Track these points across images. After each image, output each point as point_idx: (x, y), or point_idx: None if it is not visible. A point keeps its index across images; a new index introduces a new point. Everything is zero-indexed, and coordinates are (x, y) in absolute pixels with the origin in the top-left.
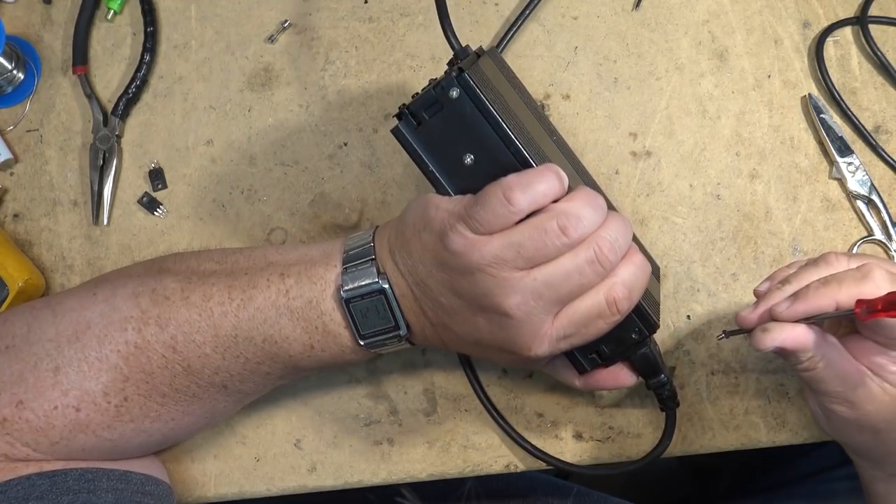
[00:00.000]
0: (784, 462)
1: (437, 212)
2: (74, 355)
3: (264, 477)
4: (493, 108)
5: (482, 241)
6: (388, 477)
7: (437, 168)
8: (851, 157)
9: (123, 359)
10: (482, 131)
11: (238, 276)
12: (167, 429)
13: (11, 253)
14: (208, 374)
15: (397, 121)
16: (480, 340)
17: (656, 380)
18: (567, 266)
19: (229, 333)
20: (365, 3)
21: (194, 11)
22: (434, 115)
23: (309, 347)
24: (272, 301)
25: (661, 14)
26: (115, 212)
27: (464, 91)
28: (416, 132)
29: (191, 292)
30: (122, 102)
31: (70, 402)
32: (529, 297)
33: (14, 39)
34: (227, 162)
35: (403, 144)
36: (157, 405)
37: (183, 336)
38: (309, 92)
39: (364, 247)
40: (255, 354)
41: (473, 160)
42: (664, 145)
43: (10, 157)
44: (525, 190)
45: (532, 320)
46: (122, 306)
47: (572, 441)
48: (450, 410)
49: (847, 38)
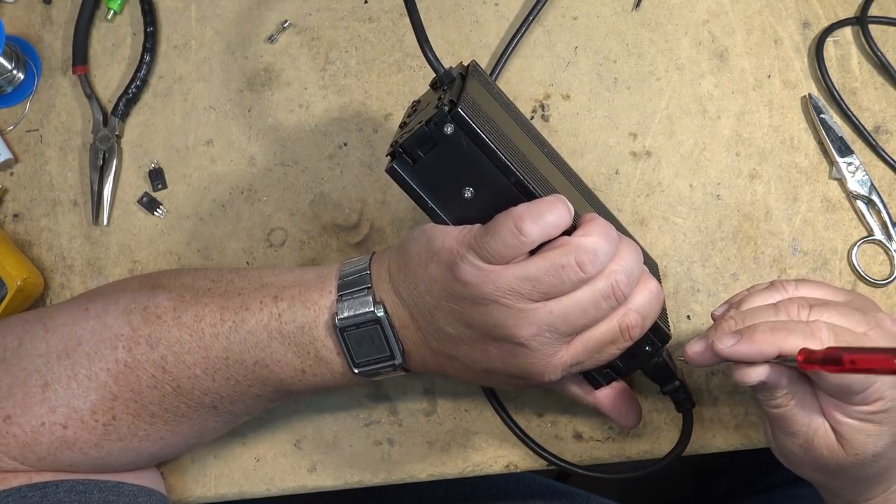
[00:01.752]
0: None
1: (444, 242)
2: (64, 372)
3: (264, 477)
4: (490, 140)
5: (496, 272)
6: (388, 477)
7: (437, 204)
8: (851, 157)
9: (113, 377)
10: (480, 164)
11: (231, 296)
12: (155, 448)
13: (10, 252)
14: (198, 395)
15: (390, 159)
16: (491, 369)
17: (671, 386)
18: (583, 300)
19: (220, 355)
20: (365, 3)
21: (194, 11)
22: (429, 151)
23: (300, 372)
24: (264, 324)
25: (661, 14)
26: (115, 212)
27: (458, 126)
28: (411, 170)
29: (183, 312)
30: (122, 102)
31: (57, 420)
32: (545, 329)
33: (14, 39)
34: (227, 162)
35: (400, 183)
36: (146, 424)
37: (173, 356)
38: (309, 92)
39: (360, 274)
40: (246, 377)
41: (473, 193)
42: (664, 145)
43: (10, 157)
44: (536, 220)
45: (546, 350)
46: (114, 324)
47: (572, 441)
48: (450, 410)
49: (847, 38)
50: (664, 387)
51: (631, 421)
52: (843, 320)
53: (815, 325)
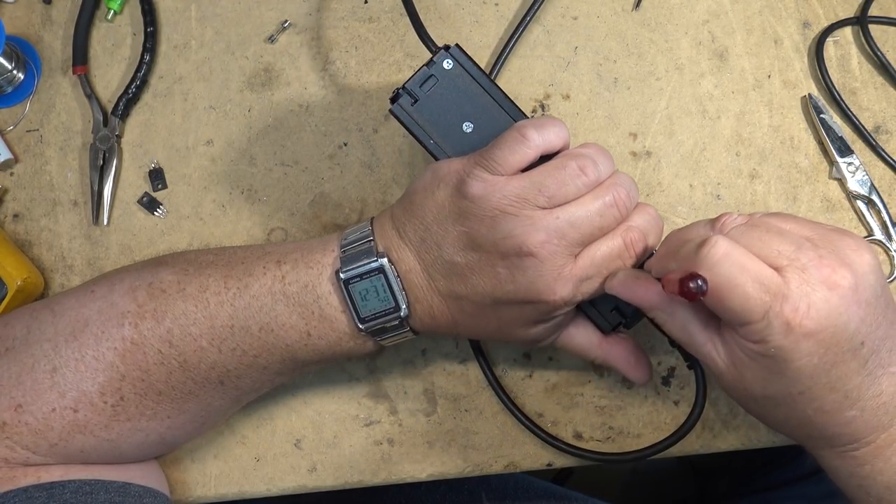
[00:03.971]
0: (784, 462)
1: (450, 167)
2: (71, 355)
3: (264, 477)
4: (485, 73)
5: (502, 181)
6: (389, 477)
7: (439, 140)
8: (851, 157)
9: (120, 356)
10: (478, 97)
11: (235, 265)
12: (163, 428)
13: (10, 252)
14: (205, 369)
15: (391, 103)
16: (501, 297)
17: None
18: (588, 206)
19: (225, 324)
20: (365, 3)
21: (194, 11)
22: (429, 89)
23: (306, 335)
24: (268, 287)
25: (661, 14)
26: (115, 212)
27: (456, 61)
28: (413, 109)
29: (187, 284)
30: (122, 102)
31: (68, 404)
32: (553, 236)
33: (14, 39)
34: (227, 162)
35: (403, 122)
36: (153, 403)
37: (179, 329)
38: (309, 92)
39: (362, 231)
40: (252, 346)
41: (473, 127)
42: (664, 145)
43: (10, 157)
44: (539, 129)
45: (555, 260)
46: (120, 301)
47: (572, 441)
48: (450, 410)
49: (847, 38)
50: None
51: (642, 374)
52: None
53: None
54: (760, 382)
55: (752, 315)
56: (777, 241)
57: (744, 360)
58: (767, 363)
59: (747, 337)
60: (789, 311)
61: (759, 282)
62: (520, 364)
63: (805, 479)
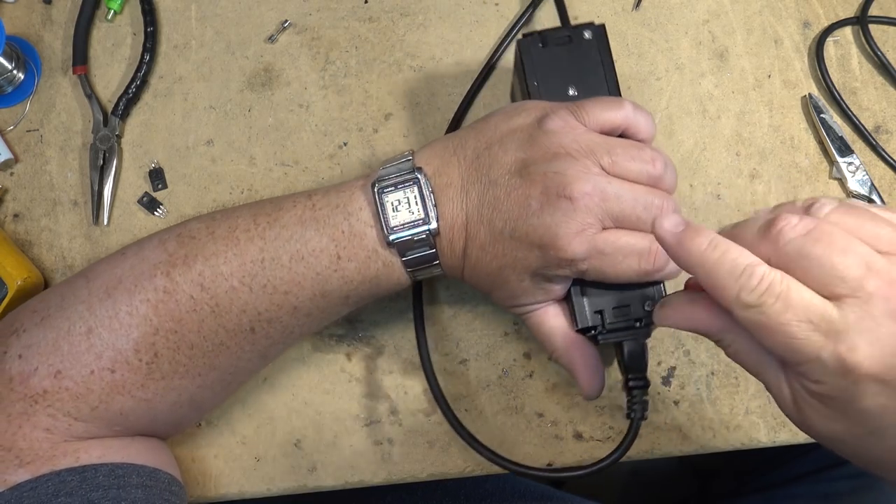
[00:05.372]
0: (784, 462)
1: (537, 102)
2: (105, 313)
3: (264, 477)
4: (612, 60)
5: (581, 129)
6: (389, 477)
7: (541, 87)
8: (851, 157)
9: (153, 308)
10: (594, 74)
11: (264, 205)
12: (194, 386)
13: (10, 252)
14: (236, 312)
15: (523, 36)
16: (519, 229)
17: (639, 376)
18: (638, 194)
19: (256, 258)
20: (365, 3)
21: (194, 11)
22: (560, 45)
23: (335, 258)
24: (298, 216)
25: (661, 14)
26: (115, 212)
27: (595, 36)
28: (536, 51)
29: (216, 227)
30: (122, 102)
31: (105, 365)
32: (597, 194)
33: (14, 39)
34: (227, 162)
35: (522, 55)
36: (186, 358)
37: (210, 270)
38: (309, 92)
39: (402, 155)
40: (283, 280)
41: (576, 94)
42: (664, 145)
43: (10, 157)
44: (635, 107)
45: (586, 217)
46: (151, 255)
47: (572, 441)
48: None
49: (847, 38)
50: (631, 376)
51: (594, 385)
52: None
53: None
54: (822, 421)
55: (801, 356)
56: (841, 263)
57: (804, 397)
58: (829, 403)
59: (805, 376)
60: (845, 351)
61: (807, 320)
62: (520, 364)
63: (805, 478)
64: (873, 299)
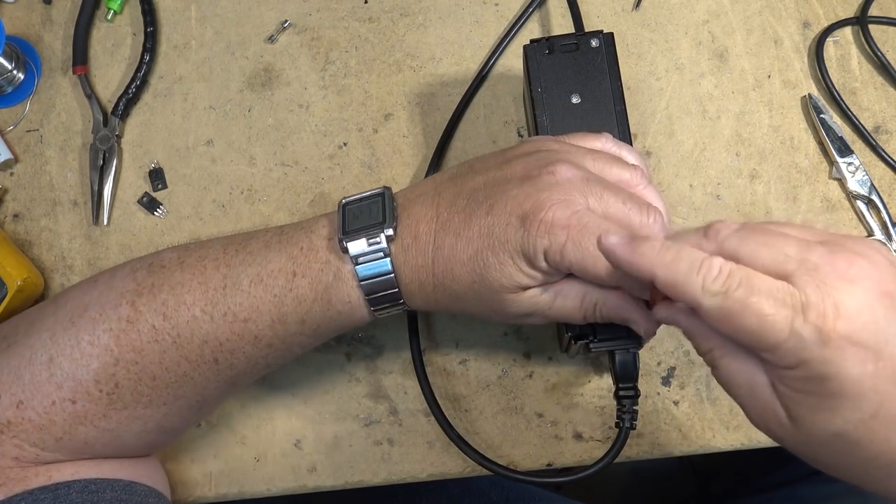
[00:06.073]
0: (784, 462)
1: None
2: (67, 342)
3: (264, 477)
4: (618, 69)
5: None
6: (389, 477)
7: (545, 93)
8: (851, 157)
9: (114, 338)
10: (599, 82)
11: (237, 236)
12: (159, 415)
13: (10, 252)
14: (198, 343)
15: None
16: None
17: (630, 386)
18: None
19: (218, 285)
20: (365, 3)
21: (194, 11)
22: (567, 52)
23: (291, 276)
24: (265, 242)
25: (661, 14)
26: (115, 212)
27: (603, 45)
28: (543, 57)
29: (187, 257)
30: (122, 102)
31: (66, 395)
32: (579, 174)
33: (14, 39)
34: (227, 162)
35: (528, 60)
36: (148, 389)
37: (174, 299)
38: (309, 92)
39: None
40: (242, 307)
41: (580, 101)
42: (664, 145)
43: (10, 157)
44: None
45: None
46: (120, 284)
47: (572, 441)
48: (450, 411)
49: (847, 38)
50: (622, 385)
51: (650, 318)
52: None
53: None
54: (818, 416)
55: (777, 334)
56: (780, 243)
57: (791, 396)
58: (818, 388)
59: (783, 363)
60: (816, 318)
61: (772, 297)
62: (520, 364)
63: (805, 479)
64: (821, 268)
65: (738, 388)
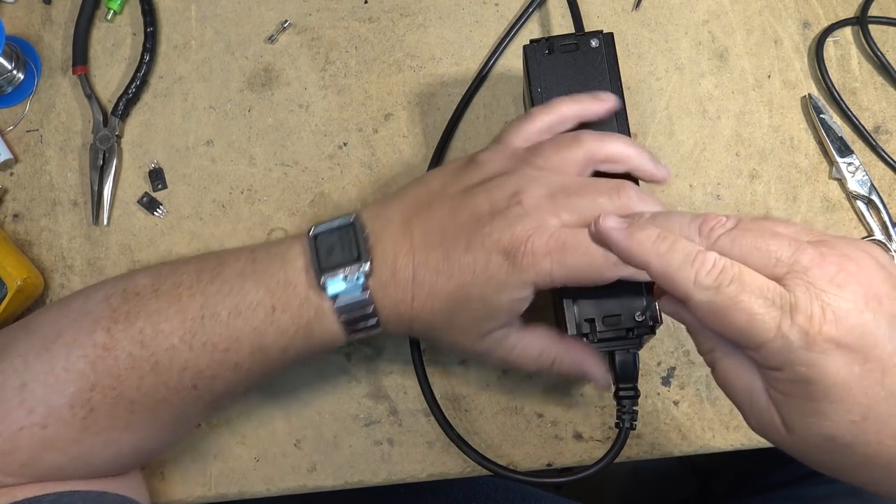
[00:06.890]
0: (784, 462)
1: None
2: (41, 368)
3: (264, 477)
4: (618, 69)
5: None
6: (389, 477)
7: (545, 93)
8: (851, 157)
9: (91, 364)
10: (600, 83)
11: (209, 260)
12: (136, 438)
13: (10, 252)
14: (177, 370)
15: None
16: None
17: (630, 386)
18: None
19: (196, 315)
20: (365, 3)
21: (194, 11)
22: (567, 52)
23: (270, 310)
24: (239, 269)
25: (661, 14)
26: (115, 212)
27: (603, 45)
28: (542, 57)
29: (161, 283)
30: (122, 102)
31: (36, 421)
32: (542, 191)
33: (14, 39)
34: (227, 162)
35: (527, 60)
36: (126, 413)
37: (151, 327)
38: (309, 92)
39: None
40: (222, 337)
41: None
42: (664, 145)
43: (10, 157)
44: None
45: (542, 215)
46: (94, 310)
47: (572, 441)
48: (449, 411)
49: (847, 38)
50: (622, 386)
51: (606, 373)
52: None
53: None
54: (811, 423)
55: (763, 332)
56: (772, 245)
57: (781, 401)
58: (805, 391)
59: (768, 363)
60: (803, 320)
61: (762, 296)
62: None
63: (805, 479)
64: (811, 271)
65: (737, 391)
